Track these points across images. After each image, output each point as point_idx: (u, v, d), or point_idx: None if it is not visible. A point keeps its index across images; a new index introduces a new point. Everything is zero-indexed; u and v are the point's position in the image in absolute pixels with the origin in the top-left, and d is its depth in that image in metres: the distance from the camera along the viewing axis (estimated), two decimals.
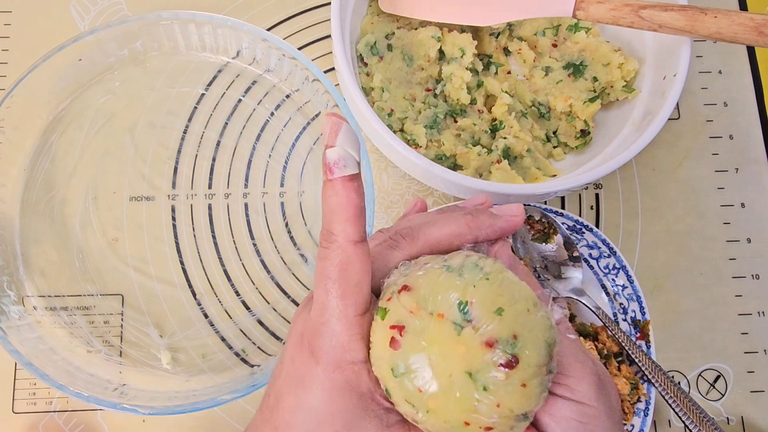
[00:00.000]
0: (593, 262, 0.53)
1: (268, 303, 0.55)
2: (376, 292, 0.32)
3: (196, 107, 0.58)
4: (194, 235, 0.56)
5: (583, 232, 0.53)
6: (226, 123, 0.58)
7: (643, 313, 0.52)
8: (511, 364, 0.26)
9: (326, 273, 0.30)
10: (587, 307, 0.50)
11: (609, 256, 0.53)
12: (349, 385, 0.30)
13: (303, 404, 0.30)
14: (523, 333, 0.27)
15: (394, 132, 0.55)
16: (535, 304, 0.28)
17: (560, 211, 0.53)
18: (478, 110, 0.58)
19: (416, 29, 0.58)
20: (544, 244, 0.52)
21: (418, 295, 0.28)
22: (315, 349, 0.30)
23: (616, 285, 0.53)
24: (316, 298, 0.30)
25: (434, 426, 0.28)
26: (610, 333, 0.50)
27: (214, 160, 0.58)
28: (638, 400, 0.50)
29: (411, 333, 0.27)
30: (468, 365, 0.26)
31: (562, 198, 0.60)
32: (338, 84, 0.55)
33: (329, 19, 0.53)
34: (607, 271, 0.53)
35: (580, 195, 0.60)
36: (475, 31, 0.59)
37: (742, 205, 0.60)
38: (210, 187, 0.57)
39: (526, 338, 0.27)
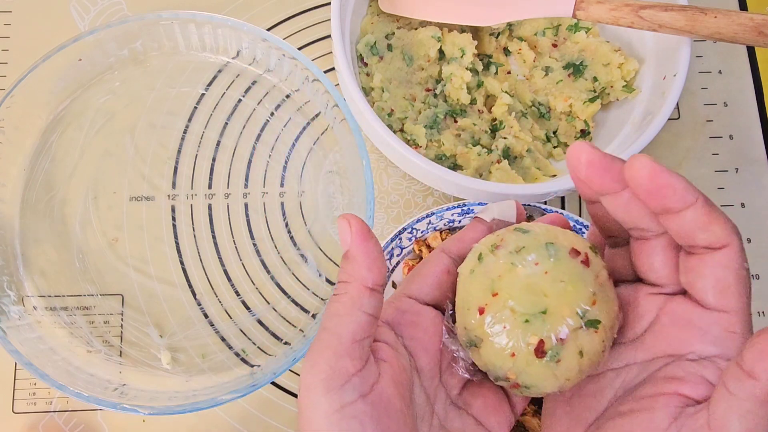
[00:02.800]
0: None
1: (268, 303, 0.55)
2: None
3: (196, 107, 0.58)
4: (194, 235, 0.56)
5: (583, 232, 0.53)
6: (226, 123, 0.58)
7: None
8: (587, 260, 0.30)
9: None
10: None
11: None
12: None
13: None
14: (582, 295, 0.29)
15: (394, 132, 0.55)
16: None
17: (560, 211, 0.53)
18: (478, 110, 0.58)
19: (416, 29, 0.58)
20: None
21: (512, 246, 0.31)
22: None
23: None
24: None
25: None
26: None
27: (214, 160, 0.58)
28: None
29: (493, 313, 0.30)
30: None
31: (562, 198, 0.60)
32: (338, 84, 0.55)
33: (329, 19, 0.53)
34: None
35: (579, 195, 0.60)
36: (475, 31, 0.59)
37: (742, 205, 0.60)
38: (210, 187, 0.57)
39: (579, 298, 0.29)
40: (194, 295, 0.55)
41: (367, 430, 0.28)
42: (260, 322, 0.55)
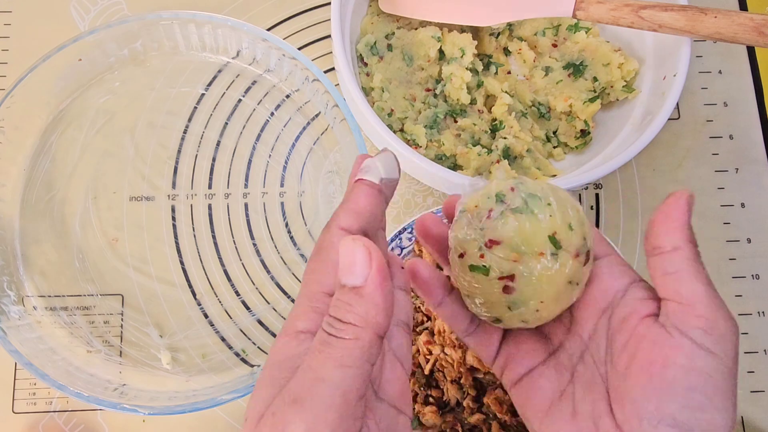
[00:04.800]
0: None
1: (268, 303, 0.55)
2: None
3: (196, 107, 0.58)
4: (194, 235, 0.56)
5: None
6: (226, 123, 0.58)
7: None
8: (589, 257, 0.33)
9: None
10: None
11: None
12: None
13: None
14: (585, 231, 0.33)
15: (394, 132, 0.55)
16: (575, 204, 0.34)
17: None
18: (478, 110, 0.58)
19: (416, 29, 0.58)
20: None
21: (512, 244, 0.32)
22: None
23: None
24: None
25: (491, 292, 0.33)
26: None
27: (214, 160, 0.58)
28: None
29: (521, 277, 0.32)
30: (568, 277, 0.32)
31: None
32: (338, 84, 0.55)
33: (329, 19, 0.53)
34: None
35: (580, 195, 0.60)
36: (475, 31, 0.59)
37: (742, 205, 0.60)
38: (210, 187, 0.57)
39: (587, 234, 0.33)
40: (194, 295, 0.55)
41: None
42: (260, 322, 0.55)
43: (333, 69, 0.61)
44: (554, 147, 0.58)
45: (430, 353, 0.50)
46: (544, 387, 0.34)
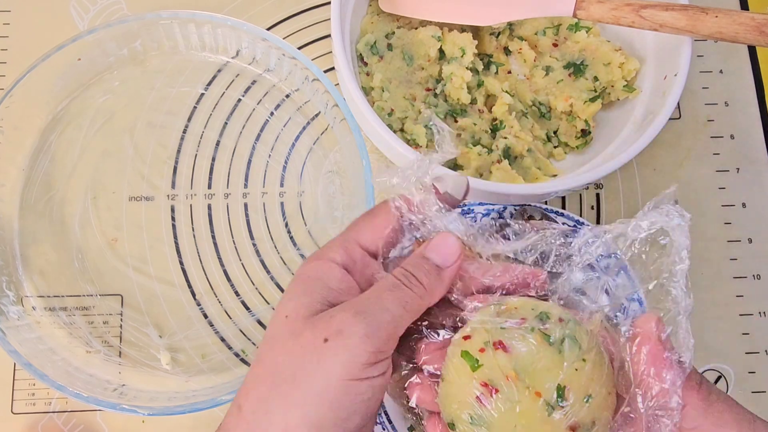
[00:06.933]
0: (593, 263, 0.53)
1: (268, 303, 0.55)
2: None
3: (195, 107, 0.58)
4: (194, 235, 0.56)
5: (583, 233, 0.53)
6: (226, 123, 0.58)
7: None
8: None
9: None
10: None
11: (609, 257, 0.53)
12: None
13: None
14: (600, 418, 0.29)
15: (394, 132, 0.55)
16: (611, 389, 0.30)
17: (561, 211, 0.53)
18: (479, 110, 0.58)
19: (416, 29, 0.57)
20: None
21: (517, 362, 0.29)
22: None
23: (617, 285, 0.53)
24: None
25: None
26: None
27: (213, 159, 0.58)
28: None
29: (503, 399, 0.29)
30: None
31: (563, 198, 0.59)
32: (338, 84, 0.55)
33: (329, 19, 0.52)
34: (607, 271, 0.53)
35: (580, 195, 0.60)
36: (476, 31, 0.59)
37: (743, 205, 0.60)
38: (209, 187, 0.57)
39: (602, 423, 0.29)
40: (194, 295, 0.55)
41: (372, 404, 0.31)
42: (260, 323, 0.55)
43: (333, 69, 0.61)
44: (555, 147, 0.58)
45: None
46: None
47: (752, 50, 0.64)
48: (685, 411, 0.29)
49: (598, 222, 0.59)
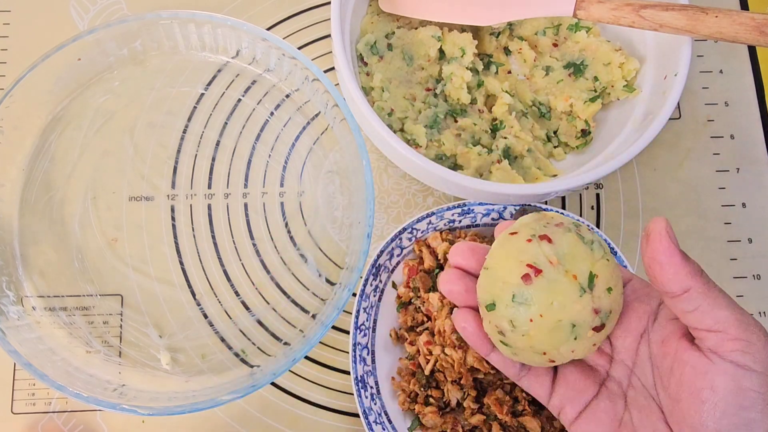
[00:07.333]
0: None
1: (268, 303, 0.55)
2: None
3: (195, 107, 0.58)
4: (194, 235, 0.56)
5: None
6: (226, 123, 0.58)
7: None
8: (599, 329, 0.35)
9: None
10: None
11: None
12: None
13: None
14: (615, 309, 0.35)
15: (394, 132, 0.55)
16: (622, 290, 0.36)
17: (561, 211, 0.53)
18: (479, 110, 0.58)
19: (416, 29, 0.57)
20: None
21: (559, 251, 0.34)
22: None
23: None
24: None
25: (518, 344, 0.35)
26: None
27: (213, 159, 0.58)
28: None
29: (545, 279, 0.34)
30: (576, 318, 0.34)
31: (563, 198, 0.59)
32: (338, 84, 0.55)
33: (329, 19, 0.52)
34: None
35: (580, 195, 0.60)
36: (476, 31, 0.59)
37: (743, 205, 0.60)
38: (210, 187, 0.57)
39: (614, 313, 0.35)
40: (194, 295, 0.55)
41: None
42: (260, 323, 0.55)
43: (333, 69, 0.61)
44: (555, 147, 0.58)
45: (431, 353, 0.50)
46: (602, 419, 0.36)
47: (752, 50, 0.64)
48: (689, 294, 0.32)
49: (598, 222, 0.59)
